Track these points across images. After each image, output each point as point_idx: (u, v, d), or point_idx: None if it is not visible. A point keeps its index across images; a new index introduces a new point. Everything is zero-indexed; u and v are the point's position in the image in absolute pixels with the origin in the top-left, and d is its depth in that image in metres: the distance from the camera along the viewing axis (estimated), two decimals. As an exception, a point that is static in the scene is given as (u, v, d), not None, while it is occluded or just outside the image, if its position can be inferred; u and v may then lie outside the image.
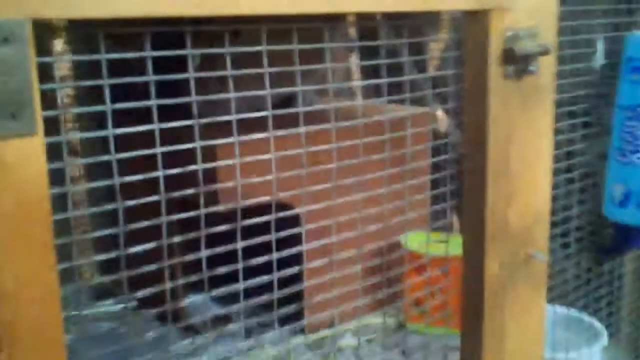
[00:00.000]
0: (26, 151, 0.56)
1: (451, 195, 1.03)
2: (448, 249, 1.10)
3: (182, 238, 0.76)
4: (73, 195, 0.68)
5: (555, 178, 1.05)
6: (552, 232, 1.06)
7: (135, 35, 0.68)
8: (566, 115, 1.30)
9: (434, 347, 1.13)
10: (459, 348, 1.01)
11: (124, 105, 0.67)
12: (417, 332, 1.49)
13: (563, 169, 1.31)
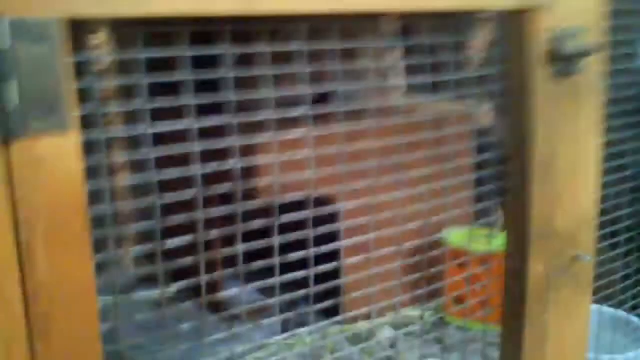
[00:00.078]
0: (61, 148, 0.57)
1: (496, 193, 1.01)
2: (491, 246, 1.09)
3: (223, 232, 0.77)
4: (117, 188, 0.70)
5: (605, 178, 1.03)
6: (601, 233, 1.03)
7: (175, 34, 0.69)
8: (619, 114, 1.26)
9: (473, 343, 1.12)
10: (498, 344, 1.00)
11: (160, 103, 0.68)
12: (456, 327, 1.48)
13: (614, 169, 1.28)
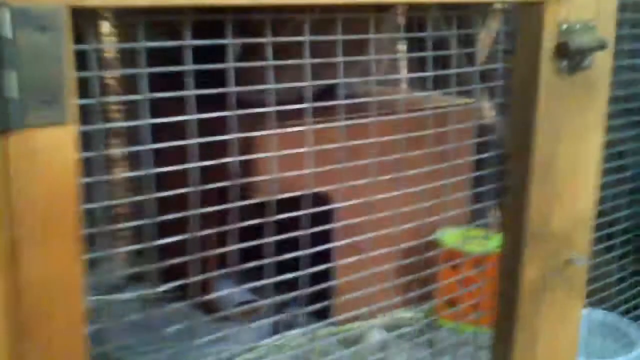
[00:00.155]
0: (58, 140, 0.56)
1: (494, 193, 1.00)
2: (486, 247, 1.08)
3: (217, 230, 0.76)
4: (111, 182, 0.68)
5: (604, 179, 1.02)
6: (597, 235, 1.02)
7: (178, 23, 0.67)
8: (619, 112, 1.25)
9: (464, 345, 1.11)
10: (489, 347, 0.99)
11: (161, 94, 0.66)
12: (447, 329, 1.47)
13: (613, 169, 1.27)
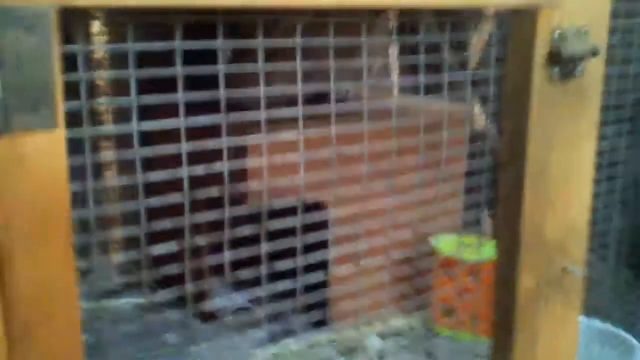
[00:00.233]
0: (46, 145, 0.54)
1: (487, 200, 0.99)
2: (481, 255, 1.07)
3: (212, 239, 0.74)
4: (102, 189, 0.66)
5: (596, 187, 1.01)
6: (590, 244, 1.01)
7: (169, 25, 0.66)
8: (612, 121, 1.24)
9: (461, 353, 1.10)
10: (487, 356, 0.98)
11: (150, 99, 0.64)
12: (445, 337, 1.46)
13: (605, 178, 1.26)
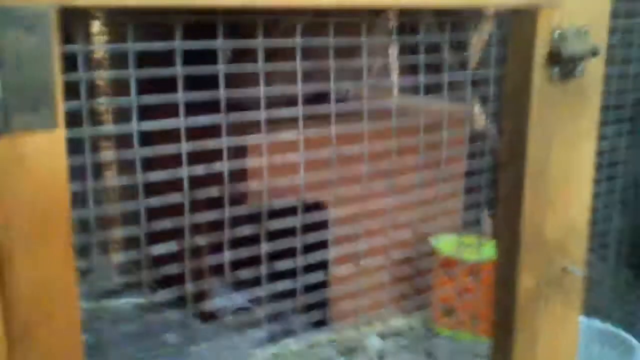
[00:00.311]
0: (46, 145, 0.54)
1: (487, 200, 0.99)
2: (481, 255, 1.07)
3: (211, 238, 0.74)
4: (102, 189, 0.66)
5: (596, 187, 1.01)
6: (590, 244, 1.01)
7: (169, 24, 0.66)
8: (612, 121, 1.24)
9: (461, 353, 1.10)
10: (487, 356, 0.98)
11: (150, 99, 0.64)
12: (445, 337, 1.46)
13: (604, 178, 1.26)
